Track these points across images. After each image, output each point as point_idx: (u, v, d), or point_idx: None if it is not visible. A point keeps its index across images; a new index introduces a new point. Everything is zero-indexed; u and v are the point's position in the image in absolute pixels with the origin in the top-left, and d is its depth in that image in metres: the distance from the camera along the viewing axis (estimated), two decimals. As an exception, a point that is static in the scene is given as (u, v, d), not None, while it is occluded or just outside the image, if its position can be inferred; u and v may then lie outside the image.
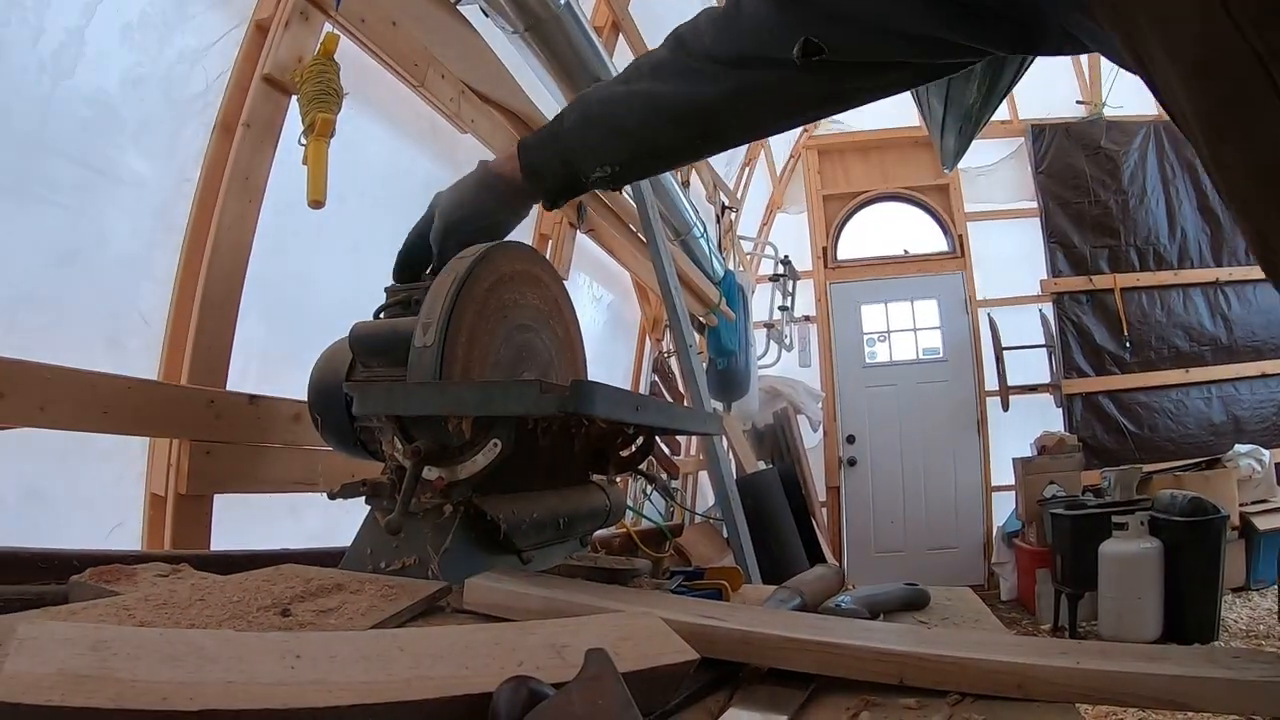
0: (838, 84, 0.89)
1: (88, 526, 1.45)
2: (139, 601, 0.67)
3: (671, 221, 3.85)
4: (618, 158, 1.03)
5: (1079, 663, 0.59)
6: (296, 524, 1.88)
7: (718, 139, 1.03)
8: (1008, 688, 0.58)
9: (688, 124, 0.97)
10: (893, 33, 0.81)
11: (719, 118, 0.96)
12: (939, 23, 0.78)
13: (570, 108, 1.07)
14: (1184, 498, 4.50)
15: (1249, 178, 0.57)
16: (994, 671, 0.59)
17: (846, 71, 0.87)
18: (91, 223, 1.41)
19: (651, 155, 1.07)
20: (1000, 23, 0.76)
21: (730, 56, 0.90)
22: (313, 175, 1.49)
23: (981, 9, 0.75)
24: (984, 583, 6.56)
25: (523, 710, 0.44)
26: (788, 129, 1.12)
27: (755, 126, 1.04)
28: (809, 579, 0.90)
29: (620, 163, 1.04)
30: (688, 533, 3.37)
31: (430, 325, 0.91)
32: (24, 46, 1.28)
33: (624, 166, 1.05)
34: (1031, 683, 0.58)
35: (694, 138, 1.01)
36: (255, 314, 1.71)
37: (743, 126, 1.01)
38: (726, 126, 0.99)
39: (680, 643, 0.59)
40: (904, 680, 0.60)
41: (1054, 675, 0.58)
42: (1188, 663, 0.59)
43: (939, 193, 7.14)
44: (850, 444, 7.04)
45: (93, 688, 0.39)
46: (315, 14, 1.67)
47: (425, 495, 0.90)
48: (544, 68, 2.50)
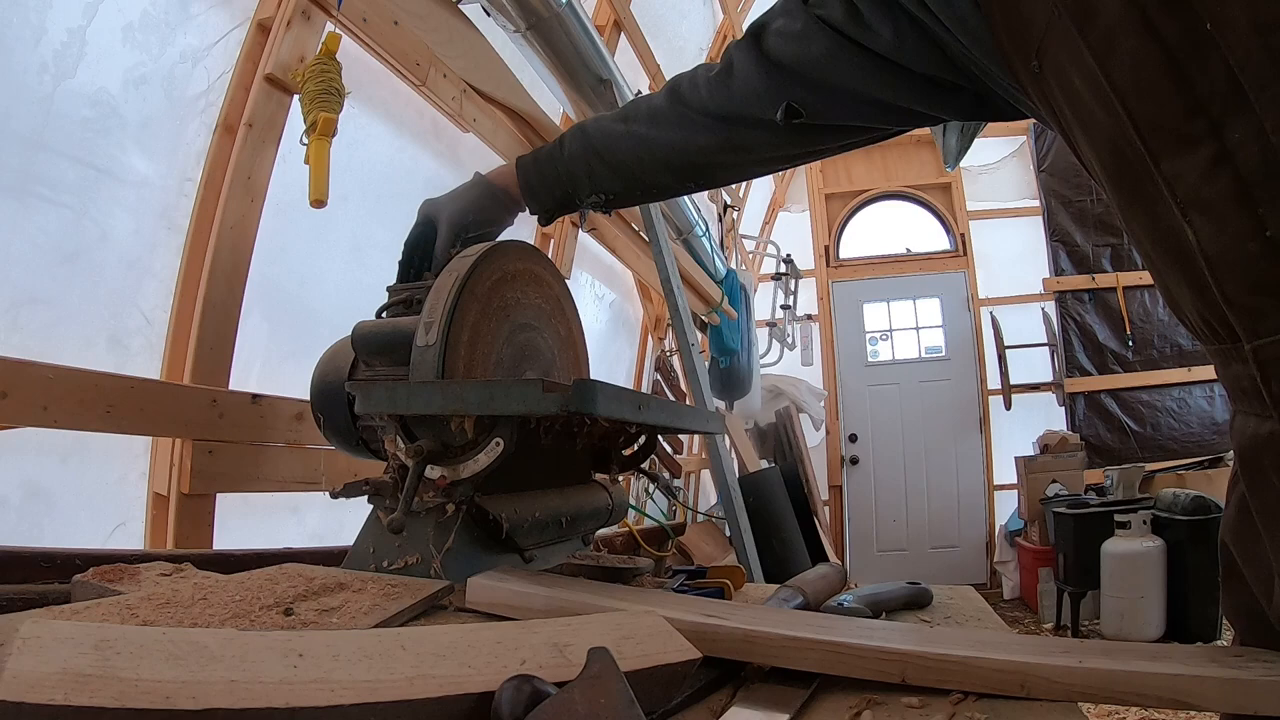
0: (813, 142, 1.02)
1: (90, 526, 1.45)
2: (142, 601, 0.67)
3: (674, 220, 3.85)
4: (611, 188, 1.15)
5: (1081, 661, 0.58)
6: (299, 523, 1.89)
7: (704, 181, 1.18)
8: (1010, 687, 0.58)
9: (678, 168, 1.10)
10: (866, 102, 0.92)
11: (707, 164, 1.08)
12: (909, 94, 0.89)
13: (571, 136, 1.17)
14: (1186, 496, 4.50)
15: (1153, 244, 0.69)
16: (996, 670, 0.59)
17: (822, 131, 0.99)
18: (94, 223, 1.42)
19: (643, 190, 1.17)
20: (959, 94, 0.87)
21: (721, 113, 1.01)
22: (315, 175, 1.49)
23: (945, 83, 0.86)
24: (986, 581, 6.55)
25: (525, 709, 0.45)
26: (767, 174, 1.25)
27: (739, 173, 1.15)
28: (811, 578, 0.90)
29: (614, 193, 1.16)
30: (690, 531, 3.37)
31: (432, 324, 0.91)
32: (26, 47, 1.28)
33: (616, 196, 1.17)
34: (1034, 681, 0.58)
35: (683, 179, 1.15)
36: (258, 313, 1.72)
37: (727, 173, 1.14)
38: (713, 172, 1.11)
39: (682, 641, 0.59)
40: (906, 679, 0.60)
41: (1056, 674, 0.58)
42: (1189, 661, 0.59)
43: (941, 191, 7.14)
44: (853, 443, 7.03)
45: (96, 687, 0.39)
46: (317, 13, 1.67)
47: (427, 494, 0.90)
48: (546, 67, 2.50)
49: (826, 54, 0.90)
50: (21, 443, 1.28)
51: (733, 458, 4.50)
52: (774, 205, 7.49)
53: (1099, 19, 0.64)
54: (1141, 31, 0.62)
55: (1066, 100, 0.71)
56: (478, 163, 2.56)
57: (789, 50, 0.92)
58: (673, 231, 3.80)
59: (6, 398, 1.13)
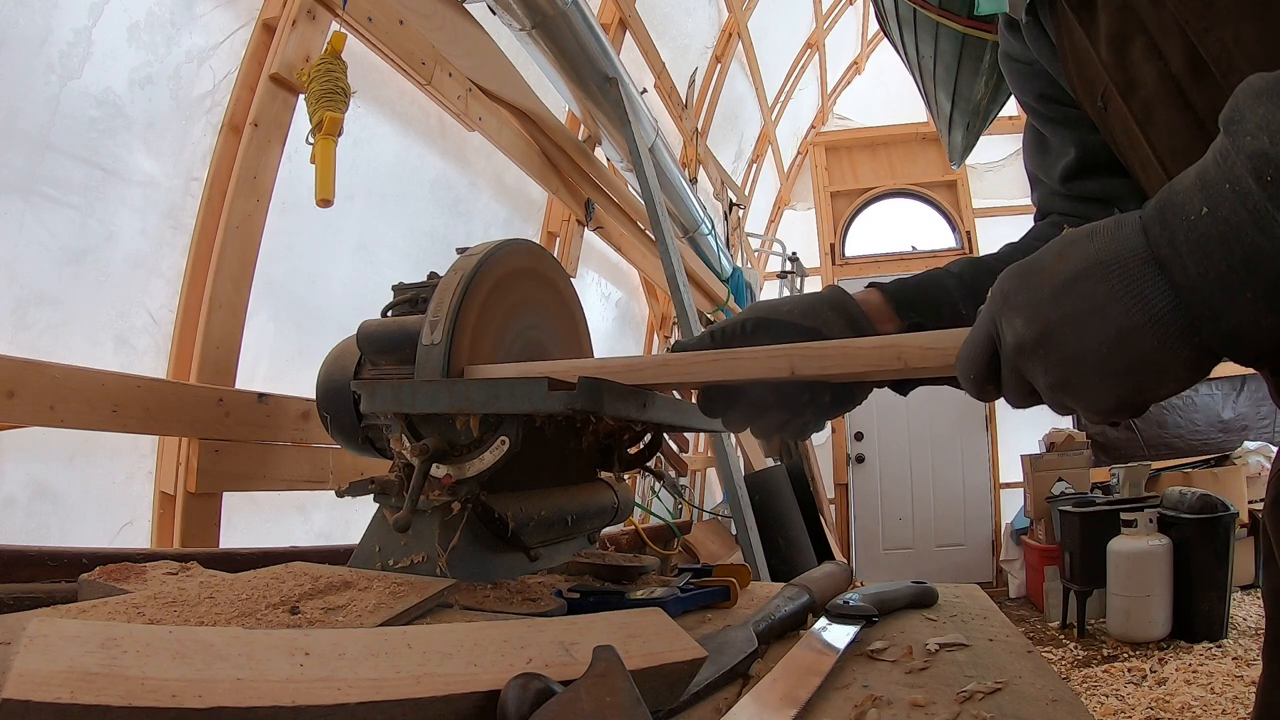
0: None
1: (97, 525, 1.45)
2: (148, 599, 0.67)
3: (679, 219, 3.85)
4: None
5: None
6: (305, 522, 1.89)
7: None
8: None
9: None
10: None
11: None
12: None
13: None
14: (1193, 495, 4.48)
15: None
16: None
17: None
18: (100, 222, 1.42)
19: None
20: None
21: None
22: (321, 174, 1.49)
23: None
24: (992, 580, 6.54)
25: (531, 707, 0.44)
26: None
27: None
28: (817, 576, 0.90)
29: None
30: (696, 530, 3.36)
31: (438, 323, 0.91)
32: (32, 47, 1.28)
33: None
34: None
35: None
36: (264, 313, 1.72)
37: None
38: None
39: (688, 640, 0.59)
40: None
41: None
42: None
43: (947, 189, 7.12)
44: (858, 441, 7.02)
45: (102, 685, 0.39)
46: (323, 13, 1.67)
47: (433, 493, 0.90)
48: (551, 65, 2.51)
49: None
50: (29, 442, 1.29)
51: (738, 456, 4.49)
52: (779, 203, 7.48)
53: (1139, 90, 0.70)
54: (1176, 103, 0.66)
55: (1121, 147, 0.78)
56: (484, 161, 2.57)
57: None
58: (679, 230, 3.80)
59: (13, 397, 1.13)
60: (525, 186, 2.87)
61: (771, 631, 0.74)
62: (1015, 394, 0.57)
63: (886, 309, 0.86)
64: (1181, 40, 0.65)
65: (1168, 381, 0.50)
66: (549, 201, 3.07)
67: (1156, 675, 3.74)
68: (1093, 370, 0.50)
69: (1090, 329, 0.50)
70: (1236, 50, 0.61)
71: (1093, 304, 0.49)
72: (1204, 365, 0.49)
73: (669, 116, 4.22)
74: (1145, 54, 0.69)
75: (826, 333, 0.81)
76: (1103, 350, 0.49)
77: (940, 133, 2.68)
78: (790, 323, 0.81)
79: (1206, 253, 0.45)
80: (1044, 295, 0.51)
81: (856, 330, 0.82)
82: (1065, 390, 0.53)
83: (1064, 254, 0.51)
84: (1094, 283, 0.49)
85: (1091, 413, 0.53)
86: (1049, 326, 0.51)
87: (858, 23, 7.28)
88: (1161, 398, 0.52)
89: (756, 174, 6.45)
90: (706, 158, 4.73)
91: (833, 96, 7.77)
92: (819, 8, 6.42)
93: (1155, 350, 0.48)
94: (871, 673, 0.65)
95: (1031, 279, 0.53)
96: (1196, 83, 0.65)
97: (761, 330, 0.81)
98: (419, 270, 1.19)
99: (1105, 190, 0.90)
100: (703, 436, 4.40)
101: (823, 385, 0.79)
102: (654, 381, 0.82)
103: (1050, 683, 0.62)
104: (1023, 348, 0.53)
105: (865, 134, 7.43)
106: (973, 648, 0.72)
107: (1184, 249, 0.46)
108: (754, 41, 5.27)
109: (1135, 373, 0.49)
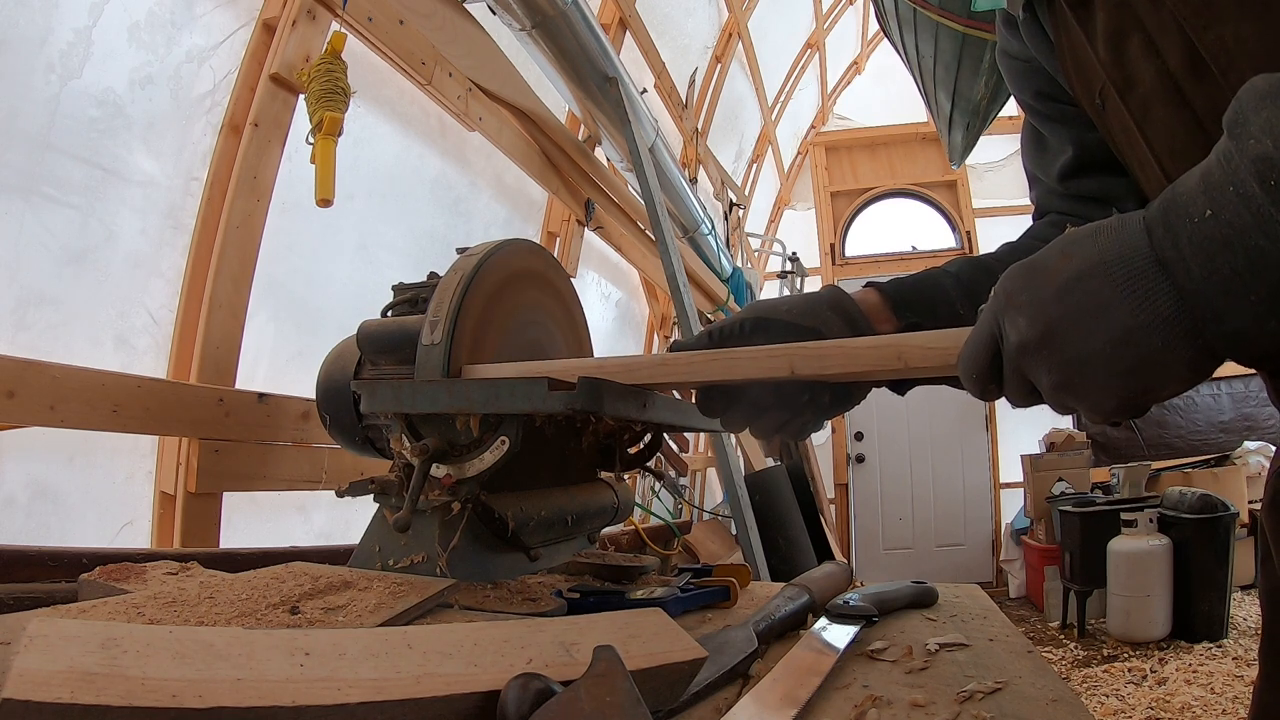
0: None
1: (97, 525, 1.45)
2: (148, 599, 0.67)
3: (679, 219, 3.85)
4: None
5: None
6: (305, 522, 1.89)
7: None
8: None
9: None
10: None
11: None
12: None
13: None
14: (1193, 495, 4.47)
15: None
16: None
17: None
18: (100, 222, 1.42)
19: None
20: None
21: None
22: (321, 174, 1.49)
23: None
24: (992, 580, 6.54)
25: (531, 707, 0.44)
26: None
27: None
28: (817, 576, 0.90)
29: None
30: (696, 530, 3.36)
31: (438, 323, 0.91)
32: (32, 47, 1.28)
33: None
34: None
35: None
36: (264, 312, 1.72)
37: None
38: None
39: (689, 640, 0.59)
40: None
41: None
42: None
43: (947, 189, 7.12)
44: (858, 441, 7.02)
45: (102, 685, 0.39)
46: (323, 13, 1.67)
47: (433, 493, 0.90)
48: (551, 65, 2.51)
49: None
50: (29, 442, 1.29)
51: (738, 456, 4.49)
52: (779, 203, 7.48)
53: (1137, 88, 0.69)
54: (1174, 101, 0.66)
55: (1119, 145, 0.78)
56: (484, 161, 2.57)
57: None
58: (679, 230, 3.80)
59: (14, 397, 1.13)
60: (525, 186, 2.87)
61: (771, 631, 0.74)
62: (1017, 393, 0.57)
63: (884, 309, 0.85)
64: (1180, 38, 0.65)
65: (1170, 382, 0.50)
66: (549, 201, 3.07)
67: (1157, 675, 3.74)
68: (1096, 370, 0.50)
69: (1094, 329, 0.49)
70: (1236, 49, 0.61)
71: (1096, 304, 0.49)
72: (1206, 366, 0.49)
73: (669, 116, 4.22)
74: (1143, 52, 0.68)
75: (825, 332, 0.81)
76: (1106, 350, 0.49)
77: (940, 133, 2.68)
78: (789, 322, 0.81)
79: (1210, 255, 0.45)
80: (1047, 294, 0.51)
81: (855, 330, 0.81)
82: (1068, 390, 0.52)
83: (1067, 253, 0.51)
84: (1098, 282, 0.49)
85: (1093, 413, 0.53)
86: (1052, 326, 0.51)
87: (858, 23, 7.28)
88: (1164, 398, 0.52)
89: (756, 174, 6.45)
90: (706, 158, 4.73)
91: (833, 96, 7.78)
92: (819, 8, 6.42)
93: (1158, 351, 0.48)
94: (871, 673, 0.65)
95: (1035, 278, 0.53)
96: (1195, 81, 0.65)
97: (760, 330, 0.81)
98: (419, 270, 1.19)
99: (1103, 189, 0.90)
100: (703, 436, 4.40)
101: (822, 385, 0.79)
102: (652, 381, 0.81)
103: (1050, 683, 0.62)
104: (1025, 347, 0.53)
105: (865, 134, 7.43)
106: (973, 648, 0.72)
107: (1187, 251, 0.46)
108: (754, 41, 5.27)
109: (1138, 373, 0.49)
